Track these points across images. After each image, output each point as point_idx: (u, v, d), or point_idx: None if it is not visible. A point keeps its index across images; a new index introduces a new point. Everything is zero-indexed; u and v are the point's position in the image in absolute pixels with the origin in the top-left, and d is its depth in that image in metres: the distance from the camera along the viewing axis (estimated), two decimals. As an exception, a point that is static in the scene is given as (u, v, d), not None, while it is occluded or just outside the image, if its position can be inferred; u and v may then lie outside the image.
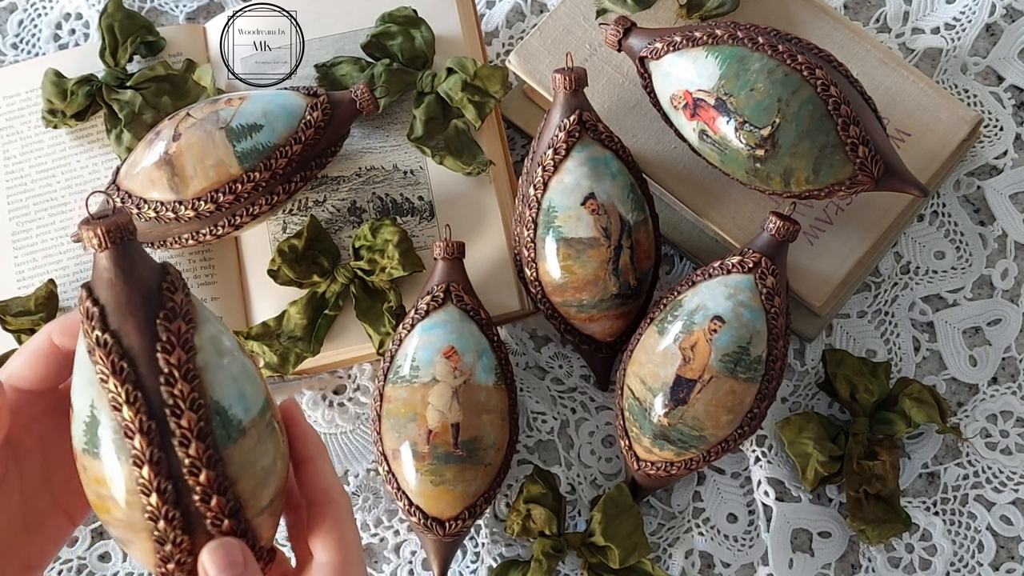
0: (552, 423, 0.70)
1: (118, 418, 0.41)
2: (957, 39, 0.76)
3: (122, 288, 0.41)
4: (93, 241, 0.41)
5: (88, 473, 0.42)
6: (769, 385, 0.61)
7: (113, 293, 0.41)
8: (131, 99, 0.71)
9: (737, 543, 0.68)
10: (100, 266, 0.41)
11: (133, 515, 0.42)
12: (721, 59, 0.61)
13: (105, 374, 0.41)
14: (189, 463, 0.42)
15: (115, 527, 0.43)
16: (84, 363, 0.42)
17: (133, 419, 0.41)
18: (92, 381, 0.41)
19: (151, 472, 0.41)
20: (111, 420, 0.41)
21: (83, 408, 0.42)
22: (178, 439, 0.42)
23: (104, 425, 0.41)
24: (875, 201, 0.68)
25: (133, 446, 0.41)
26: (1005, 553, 0.67)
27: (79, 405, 0.42)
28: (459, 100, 0.69)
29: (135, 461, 0.41)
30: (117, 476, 0.42)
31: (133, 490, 0.42)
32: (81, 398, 0.42)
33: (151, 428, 0.41)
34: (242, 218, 0.65)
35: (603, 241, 0.63)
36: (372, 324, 0.67)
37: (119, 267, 0.41)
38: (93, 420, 0.41)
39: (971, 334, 0.71)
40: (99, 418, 0.41)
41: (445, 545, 0.64)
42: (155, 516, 0.42)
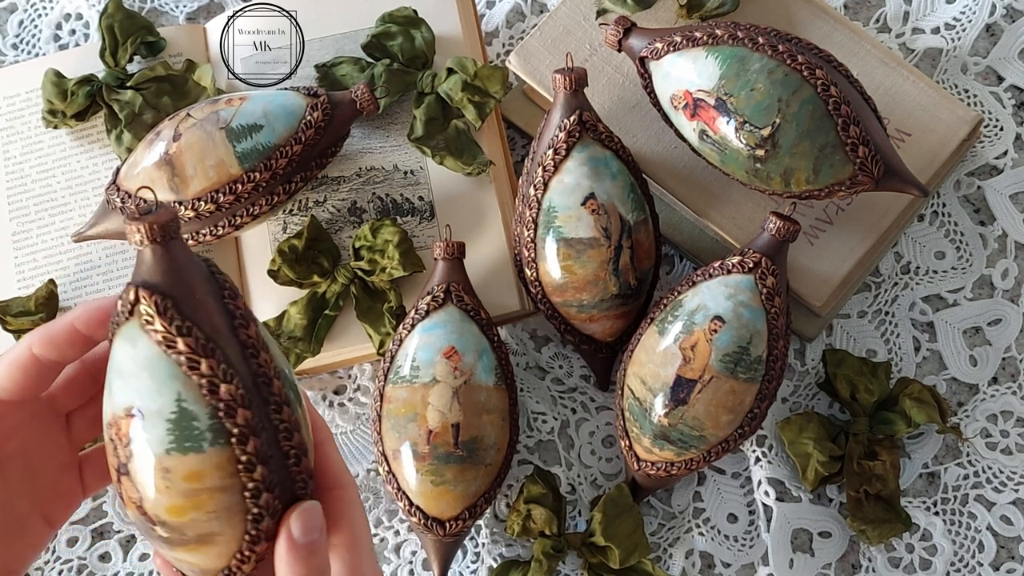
0: (552, 423, 0.70)
1: (214, 401, 0.41)
2: (957, 39, 0.76)
3: (190, 276, 0.42)
4: (147, 236, 0.42)
5: (174, 474, 0.41)
6: (769, 385, 0.61)
7: (181, 284, 0.42)
8: (131, 99, 0.71)
9: (737, 543, 0.68)
10: (157, 260, 0.42)
11: (231, 499, 0.42)
12: (721, 59, 0.61)
13: (194, 360, 0.41)
14: (284, 428, 0.43)
15: (198, 525, 0.42)
16: (155, 363, 0.41)
17: (235, 394, 0.41)
18: (173, 375, 0.41)
19: (256, 444, 0.42)
20: (206, 406, 0.41)
21: (164, 408, 0.41)
22: (272, 406, 0.43)
23: (199, 414, 0.41)
24: (875, 201, 0.68)
25: (236, 423, 0.42)
26: (1005, 553, 0.67)
27: (155, 407, 0.41)
28: (459, 100, 0.69)
29: (240, 438, 0.41)
30: (217, 461, 0.41)
31: (234, 472, 0.42)
32: (157, 399, 0.41)
33: (251, 400, 0.42)
34: (242, 218, 0.65)
35: (603, 241, 0.63)
36: (372, 324, 0.67)
37: (180, 258, 0.42)
38: (182, 414, 0.41)
39: (971, 334, 0.71)
40: (190, 409, 0.41)
41: (445, 545, 0.64)
42: (258, 491, 0.42)
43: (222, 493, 0.42)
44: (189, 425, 0.41)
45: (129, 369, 0.42)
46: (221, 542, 0.43)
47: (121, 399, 0.42)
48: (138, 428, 0.41)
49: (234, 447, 0.42)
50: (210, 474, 0.42)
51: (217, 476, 0.42)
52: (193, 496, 0.42)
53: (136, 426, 0.41)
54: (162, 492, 0.42)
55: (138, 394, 0.42)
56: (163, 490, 0.42)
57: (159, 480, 0.42)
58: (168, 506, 0.42)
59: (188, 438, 0.41)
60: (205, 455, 0.42)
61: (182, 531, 0.42)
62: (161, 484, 0.42)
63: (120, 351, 0.42)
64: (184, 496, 0.42)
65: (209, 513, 0.42)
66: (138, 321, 0.42)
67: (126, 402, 0.42)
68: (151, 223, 0.42)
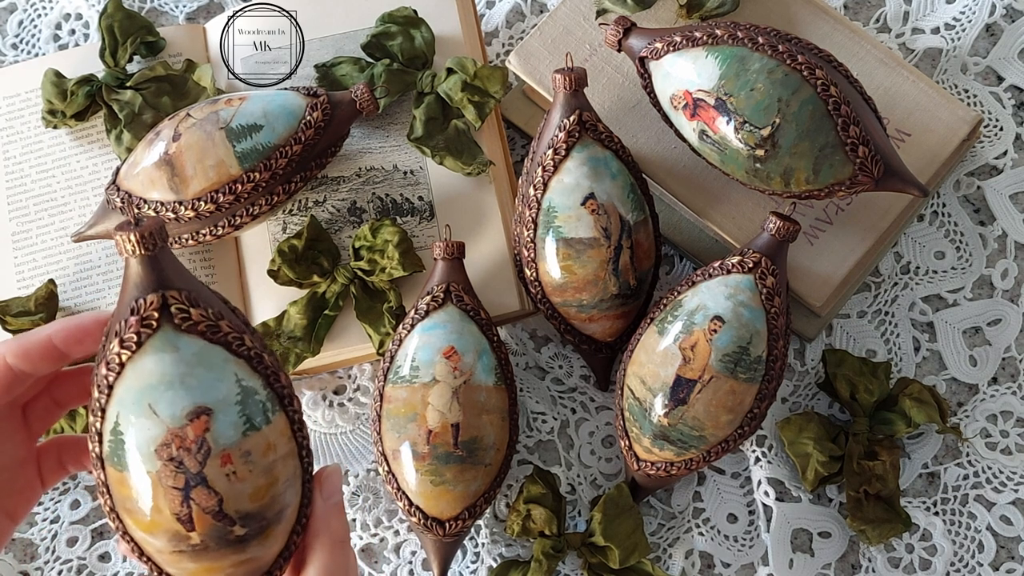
0: (552, 423, 0.70)
1: (263, 371, 0.44)
2: (957, 39, 0.76)
3: (189, 275, 0.44)
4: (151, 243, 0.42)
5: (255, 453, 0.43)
6: (769, 385, 0.61)
7: (191, 280, 0.44)
8: (131, 99, 0.71)
9: (737, 543, 0.68)
10: (167, 263, 0.43)
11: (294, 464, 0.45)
12: (721, 59, 0.61)
13: (239, 339, 0.43)
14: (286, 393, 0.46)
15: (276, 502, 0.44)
16: (207, 354, 0.42)
17: (272, 362, 0.44)
18: (226, 360, 0.43)
19: (298, 404, 0.45)
20: (260, 378, 0.44)
21: (229, 394, 0.42)
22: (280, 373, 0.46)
23: (257, 388, 0.43)
24: (875, 201, 0.68)
25: (283, 386, 0.44)
26: (1005, 553, 0.67)
27: (220, 396, 0.42)
28: (459, 100, 0.69)
29: (289, 400, 0.45)
30: (280, 427, 0.44)
31: (291, 435, 0.45)
32: (221, 388, 0.42)
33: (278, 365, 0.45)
34: (242, 218, 0.65)
35: (603, 241, 0.63)
36: (372, 324, 0.67)
37: (177, 260, 0.44)
38: (245, 394, 0.43)
39: (971, 334, 0.71)
40: (250, 386, 0.43)
41: (445, 545, 0.64)
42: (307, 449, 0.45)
43: (289, 459, 0.44)
44: (253, 401, 0.43)
45: (179, 373, 0.42)
46: (287, 517, 0.45)
47: (178, 408, 0.42)
48: (210, 424, 0.42)
49: (286, 409, 0.45)
50: (279, 442, 0.44)
51: (283, 441, 0.44)
52: (271, 471, 0.43)
53: (207, 424, 0.42)
54: (245, 479, 0.42)
55: (200, 392, 0.42)
56: (246, 476, 0.42)
57: (241, 467, 0.42)
58: (251, 491, 0.43)
59: (258, 412, 0.43)
60: (272, 425, 0.44)
61: (263, 516, 0.43)
62: (244, 470, 0.42)
63: (154, 365, 0.42)
64: (264, 473, 0.43)
65: (284, 484, 0.44)
66: (170, 325, 0.42)
67: (188, 406, 0.42)
68: (148, 231, 0.42)
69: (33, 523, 0.70)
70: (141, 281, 0.42)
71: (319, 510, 0.46)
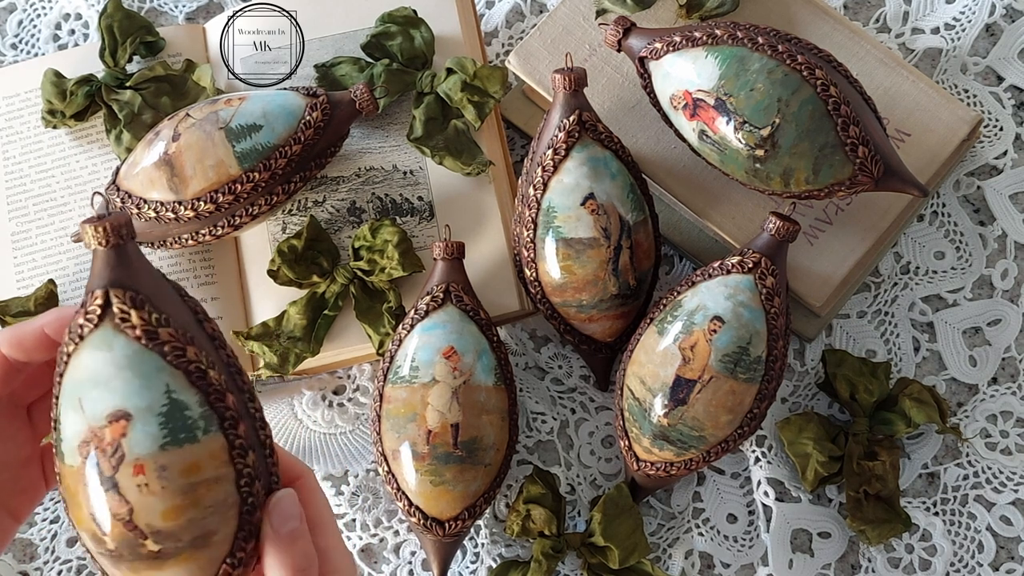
0: (552, 423, 0.70)
1: (204, 388, 0.41)
2: (957, 39, 0.76)
3: (152, 276, 0.42)
4: (109, 237, 0.41)
5: (172, 470, 0.40)
6: (769, 385, 0.61)
7: (148, 281, 0.42)
8: (131, 99, 0.71)
9: (737, 543, 0.68)
10: (121, 259, 0.42)
11: (226, 490, 0.42)
12: (721, 59, 0.61)
13: (179, 350, 0.41)
14: (259, 417, 0.43)
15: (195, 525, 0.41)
16: (138, 359, 0.41)
17: (220, 380, 0.42)
18: (159, 368, 0.41)
19: (245, 428, 0.42)
20: (196, 395, 0.41)
21: (154, 403, 0.40)
22: (247, 395, 0.43)
23: (190, 404, 0.41)
24: (875, 201, 0.67)
25: (227, 407, 0.42)
26: (1005, 553, 0.67)
27: (144, 404, 0.40)
28: (459, 100, 0.69)
29: (231, 422, 0.42)
30: (211, 450, 0.41)
31: (227, 460, 0.42)
32: (146, 395, 0.40)
33: (236, 385, 0.42)
34: (242, 218, 0.65)
35: (603, 241, 0.63)
36: (372, 324, 0.67)
37: (139, 257, 0.42)
38: (173, 407, 0.41)
39: (971, 334, 0.71)
40: (181, 399, 0.41)
41: (445, 545, 0.64)
42: (251, 478, 0.42)
43: (218, 484, 0.41)
44: (182, 415, 0.41)
45: (107, 374, 0.41)
46: (215, 543, 0.42)
47: (101, 407, 0.41)
48: (127, 430, 0.40)
49: (227, 432, 0.42)
50: (206, 464, 0.41)
51: (213, 466, 0.41)
52: (190, 492, 0.41)
53: (124, 429, 0.40)
54: (157, 494, 0.40)
55: (123, 395, 0.41)
56: (158, 492, 0.40)
57: (155, 480, 0.40)
58: (164, 509, 0.41)
59: (183, 429, 0.41)
60: (200, 444, 0.41)
61: (178, 536, 0.41)
62: (156, 484, 0.40)
63: (90, 360, 0.41)
64: (182, 493, 0.41)
65: (206, 509, 0.41)
66: (111, 324, 0.41)
67: (108, 408, 0.41)
68: (111, 224, 0.41)
69: (33, 523, 0.70)
70: (94, 275, 0.42)
71: (270, 543, 0.42)
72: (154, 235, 0.66)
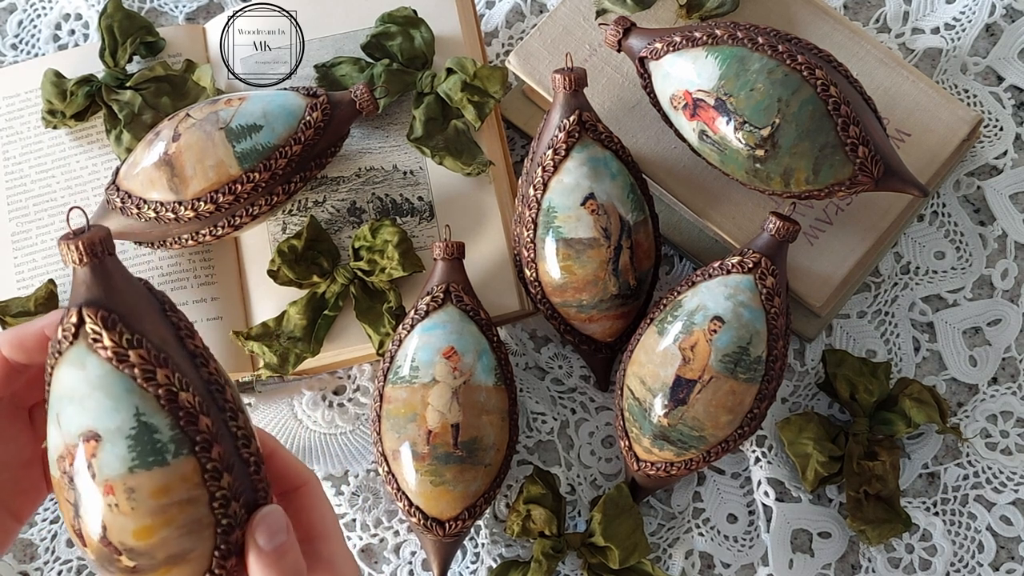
0: (552, 423, 0.70)
1: (174, 411, 0.41)
2: (957, 39, 0.76)
3: (130, 291, 0.42)
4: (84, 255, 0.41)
5: (140, 492, 0.41)
6: (769, 385, 0.61)
7: (124, 299, 0.42)
8: (131, 99, 0.71)
9: (737, 543, 0.68)
10: (95, 277, 0.41)
11: (199, 512, 0.41)
12: (721, 59, 0.61)
13: (149, 371, 0.41)
14: (242, 435, 0.43)
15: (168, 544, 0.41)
16: (109, 380, 0.41)
17: (193, 402, 0.41)
18: (129, 390, 0.41)
19: (220, 451, 0.42)
20: (166, 417, 0.41)
21: (124, 424, 0.40)
22: (229, 414, 0.43)
23: (159, 426, 0.41)
24: (875, 201, 0.67)
25: (199, 430, 0.41)
26: (1005, 553, 0.67)
27: (113, 425, 0.40)
28: (459, 100, 0.69)
29: (203, 446, 0.41)
30: (183, 473, 0.41)
31: (200, 482, 0.41)
32: (115, 417, 0.41)
33: (209, 408, 0.42)
34: (242, 218, 0.65)
35: (603, 241, 0.63)
36: (372, 324, 0.67)
37: (118, 274, 0.42)
38: (142, 429, 0.40)
39: (971, 334, 0.71)
40: (150, 422, 0.41)
41: (445, 545, 0.64)
42: (227, 499, 0.42)
43: (191, 506, 0.41)
44: (151, 439, 0.41)
45: (80, 392, 0.41)
46: (193, 559, 0.42)
47: (74, 425, 0.41)
48: (97, 451, 0.40)
49: (198, 456, 0.41)
50: (177, 487, 0.41)
51: (184, 488, 0.41)
52: (161, 513, 0.41)
53: (94, 449, 0.41)
54: (127, 515, 0.40)
55: (94, 415, 0.41)
56: (128, 512, 0.40)
57: (124, 502, 0.40)
58: (135, 528, 0.41)
59: (151, 452, 0.41)
60: (170, 467, 0.41)
61: (152, 554, 0.41)
62: (126, 506, 0.40)
63: (67, 377, 0.41)
64: (152, 514, 0.41)
65: (179, 529, 0.41)
66: (84, 342, 0.41)
67: (81, 427, 0.41)
68: (86, 240, 0.41)
69: (33, 523, 0.70)
70: (72, 292, 0.42)
71: (254, 559, 0.42)
72: (154, 235, 0.66)
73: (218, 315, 0.70)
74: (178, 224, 0.65)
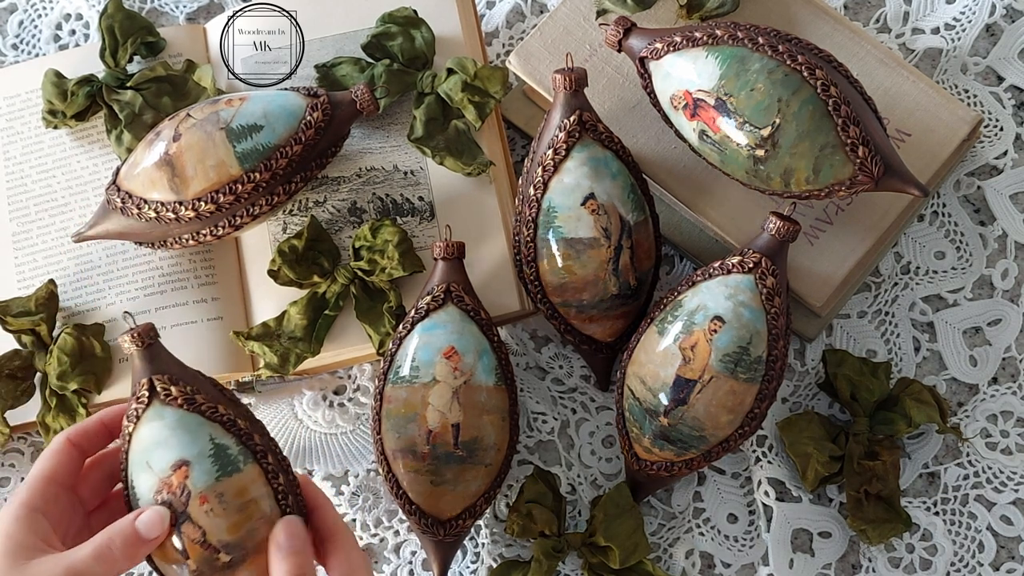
0: (552, 423, 0.70)
1: (235, 432, 0.54)
2: (957, 39, 0.76)
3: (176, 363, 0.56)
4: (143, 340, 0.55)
5: (227, 495, 0.53)
6: (769, 385, 0.61)
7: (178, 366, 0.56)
8: (131, 100, 0.71)
9: (737, 543, 0.68)
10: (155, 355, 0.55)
11: (268, 505, 0.54)
12: (721, 59, 0.61)
13: (212, 407, 0.54)
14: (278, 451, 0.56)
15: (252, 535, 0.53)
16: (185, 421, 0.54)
17: (246, 425, 0.55)
18: (201, 423, 0.54)
19: (273, 458, 0.55)
20: (232, 438, 0.54)
21: (203, 449, 0.53)
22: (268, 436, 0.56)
23: (229, 445, 0.54)
24: (875, 201, 0.68)
25: (256, 444, 0.55)
26: (1006, 553, 0.67)
27: (196, 451, 0.53)
28: (459, 100, 0.69)
29: (261, 455, 0.54)
30: (252, 476, 0.54)
31: (265, 481, 0.54)
32: (197, 445, 0.53)
33: (258, 428, 0.56)
34: (242, 218, 0.65)
35: (603, 241, 0.63)
36: (372, 324, 0.67)
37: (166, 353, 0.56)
38: (218, 449, 0.54)
39: (971, 334, 0.71)
40: (222, 443, 0.54)
41: (445, 545, 0.64)
42: (285, 493, 0.54)
43: (263, 501, 0.54)
44: (225, 454, 0.54)
45: (164, 436, 0.54)
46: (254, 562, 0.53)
47: (165, 461, 0.53)
48: (189, 473, 0.53)
49: (260, 462, 0.54)
50: (250, 486, 0.54)
51: (256, 487, 0.54)
52: (244, 510, 0.53)
53: (186, 473, 0.53)
54: (221, 515, 0.53)
55: (179, 449, 0.53)
56: (221, 513, 0.53)
57: (216, 505, 0.52)
58: (228, 525, 0.53)
59: (228, 463, 0.54)
60: (243, 473, 0.54)
61: (242, 546, 0.53)
62: (219, 508, 0.53)
63: (148, 431, 0.54)
64: (238, 511, 0.53)
65: (258, 520, 0.53)
66: (158, 400, 0.54)
67: (171, 460, 0.53)
68: (140, 332, 0.55)
69: None
70: (135, 371, 0.55)
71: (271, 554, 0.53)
72: (154, 235, 0.66)
73: (218, 315, 0.70)
74: (179, 224, 0.65)
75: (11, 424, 0.68)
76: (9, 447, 0.71)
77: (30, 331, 0.67)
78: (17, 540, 0.51)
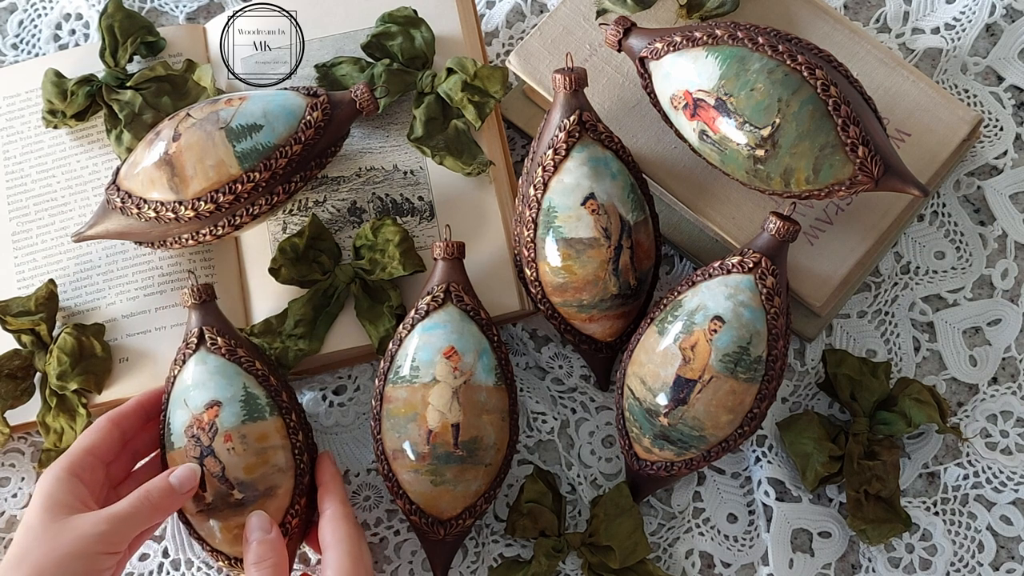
0: (552, 423, 0.70)
1: (267, 386, 0.62)
2: (957, 39, 0.76)
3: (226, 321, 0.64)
4: (201, 296, 0.63)
5: (249, 438, 0.60)
6: (769, 385, 0.61)
7: (226, 324, 0.63)
8: (131, 99, 0.71)
9: (737, 543, 0.68)
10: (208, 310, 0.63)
11: (286, 456, 0.61)
12: (721, 59, 0.61)
13: (250, 361, 0.62)
14: (302, 412, 0.64)
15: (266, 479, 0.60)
16: (225, 368, 0.61)
17: (278, 382, 0.63)
18: (238, 372, 0.61)
19: (296, 415, 0.62)
20: (263, 390, 0.61)
21: (236, 394, 0.61)
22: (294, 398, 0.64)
23: (259, 395, 0.61)
24: (875, 201, 0.68)
25: (283, 400, 0.62)
26: (1005, 553, 0.67)
27: (229, 395, 0.60)
28: (459, 100, 0.69)
29: (287, 409, 0.62)
30: (275, 426, 0.61)
31: (286, 435, 0.62)
32: (230, 390, 0.61)
33: (288, 390, 0.63)
34: (242, 218, 0.65)
35: (603, 241, 0.63)
36: (372, 323, 0.67)
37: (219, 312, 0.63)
38: (249, 396, 0.61)
39: (971, 334, 0.71)
40: (253, 392, 0.61)
41: (445, 545, 0.64)
42: (301, 450, 0.62)
43: (280, 451, 0.61)
44: (255, 403, 0.61)
45: (203, 379, 0.61)
46: (279, 495, 0.61)
47: (200, 400, 0.60)
48: (219, 412, 0.60)
49: (284, 416, 0.62)
50: (271, 435, 0.61)
51: (276, 437, 0.61)
52: (262, 454, 0.60)
53: (217, 412, 0.60)
54: (240, 455, 0.60)
55: (214, 392, 0.61)
56: (241, 453, 0.60)
57: (238, 445, 0.60)
58: (246, 465, 0.60)
59: (255, 410, 0.61)
60: (267, 422, 0.61)
61: (255, 487, 0.60)
62: (240, 447, 0.60)
63: (191, 372, 0.61)
64: (256, 454, 0.60)
65: (273, 467, 0.61)
66: (204, 347, 0.62)
67: (205, 400, 0.60)
68: (201, 288, 0.62)
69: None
70: (191, 320, 0.63)
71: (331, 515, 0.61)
72: (154, 235, 0.66)
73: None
74: (178, 224, 0.65)
75: (11, 424, 0.68)
76: (9, 447, 0.71)
77: (30, 331, 0.67)
78: (56, 498, 0.57)
